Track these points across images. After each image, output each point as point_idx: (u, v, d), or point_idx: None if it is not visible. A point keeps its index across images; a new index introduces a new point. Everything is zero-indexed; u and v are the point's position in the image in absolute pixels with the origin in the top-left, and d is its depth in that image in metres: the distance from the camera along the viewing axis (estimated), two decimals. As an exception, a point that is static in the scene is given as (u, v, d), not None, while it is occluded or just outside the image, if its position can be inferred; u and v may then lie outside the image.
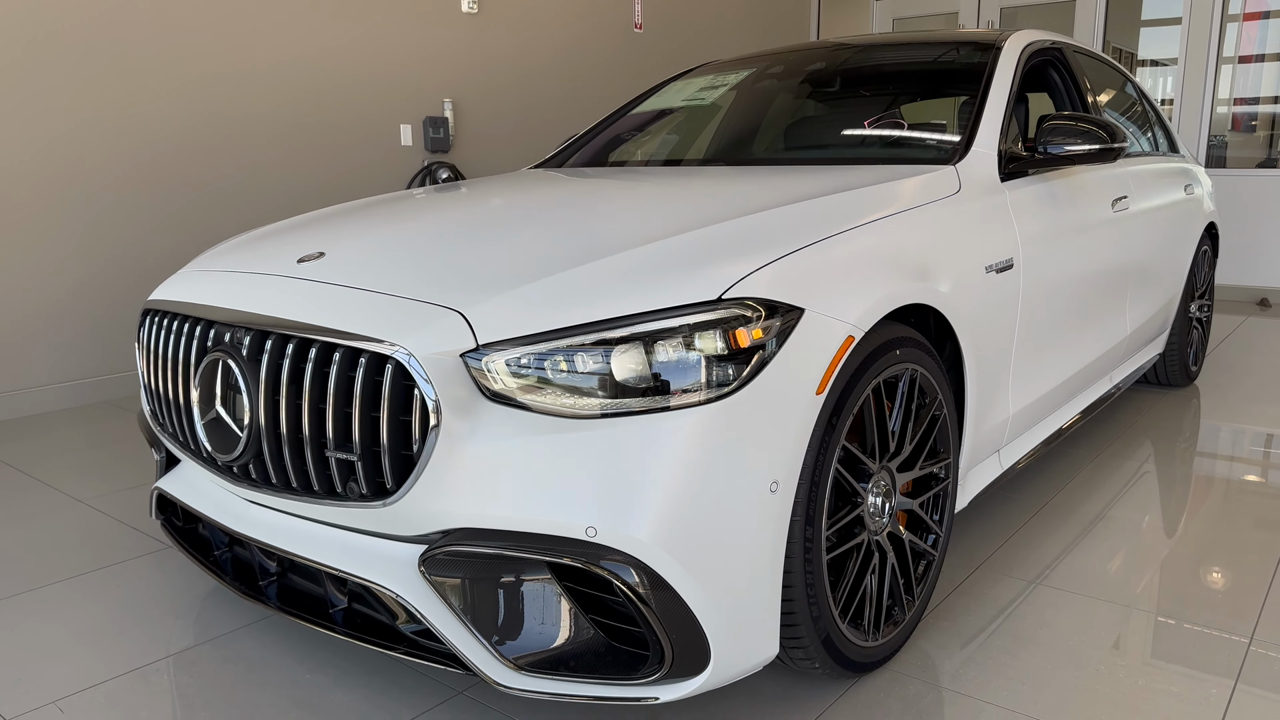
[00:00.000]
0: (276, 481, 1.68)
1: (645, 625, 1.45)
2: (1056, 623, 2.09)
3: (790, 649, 1.66)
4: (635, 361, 1.47)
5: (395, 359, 1.51)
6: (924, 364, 1.88)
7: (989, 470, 2.39)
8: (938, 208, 2.08)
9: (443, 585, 1.53)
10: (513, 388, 1.49)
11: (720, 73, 3.35)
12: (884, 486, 1.85)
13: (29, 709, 1.79)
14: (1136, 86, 3.93)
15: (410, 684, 1.86)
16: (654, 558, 1.42)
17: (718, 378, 1.48)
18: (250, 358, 1.68)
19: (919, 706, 1.77)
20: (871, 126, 2.72)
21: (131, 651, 2.01)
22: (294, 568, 1.87)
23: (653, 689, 1.49)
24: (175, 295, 1.96)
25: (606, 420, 1.45)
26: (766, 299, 1.54)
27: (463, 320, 1.53)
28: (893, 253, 1.84)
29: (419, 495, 1.51)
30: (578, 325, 1.50)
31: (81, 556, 2.48)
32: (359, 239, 1.96)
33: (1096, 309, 2.83)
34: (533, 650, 1.51)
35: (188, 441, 1.90)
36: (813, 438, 1.59)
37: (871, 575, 1.82)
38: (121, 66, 4.09)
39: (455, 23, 5.47)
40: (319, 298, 1.68)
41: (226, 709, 1.78)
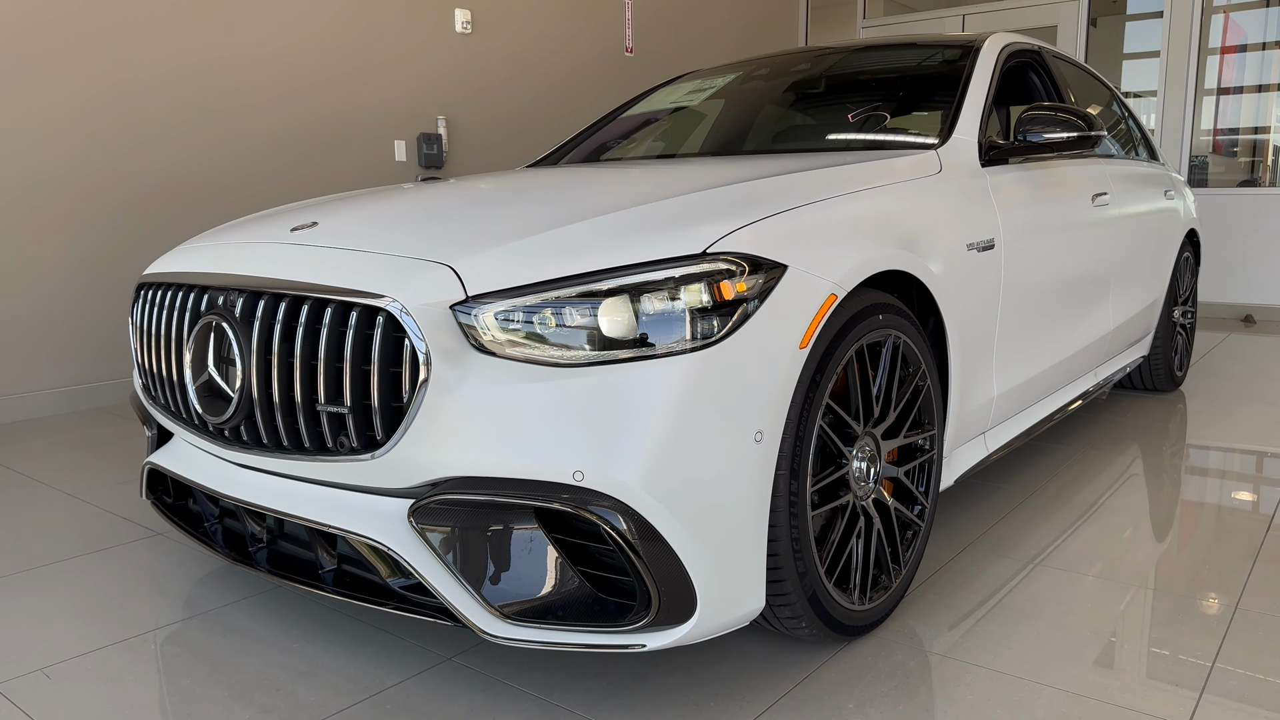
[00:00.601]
0: (267, 442, 1.70)
1: (632, 571, 1.47)
2: (1043, 596, 2.10)
3: (777, 606, 1.67)
4: (621, 312, 1.50)
5: (387, 311, 1.54)
6: (907, 332, 1.91)
7: (975, 452, 2.41)
8: (919, 184, 2.12)
9: (431, 535, 1.54)
10: (501, 338, 1.51)
11: (710, 77, 3.42)
12: (869, 452, 1.88)
13: (16, 675, 1.79)
14: (1116, 95, 4.02)
15: (399, 652, 1.86)
16: (640, 502, 1.44)
17: (702, 329, 1.51)
18: (243, 319, 1.71)
19: (906, 669, 1.78)
20: (856, 120, 2.78)
21: (119, 625, 2.00)
22: (283, 534, 1.88)
23: (639, 636, 1.50)
24: (169, 267, 1.99)
25: (594, 368, 1.48)
26: (751, 254, 1.58)
27: (452, 273, 1.56)
28: (875, 221, 1.89)
29: (408, 445, 1.52)
30: (565, 277, 1.53)
31: (71, 543, 2.48)
32: (352, 213, 1.99)
33: (1078, 299, 2.88)
34: (520, 599, 1.52)
35: (180, 410, 1.91)
36: (796, 391, 1.61)
37: (857, 539, 1.84)
38: (123, 79, 4.15)
39: (449, 42, 5.56)
40: (311, 259, 1.71)
41: (213, 675, 1.78)
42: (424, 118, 5.47)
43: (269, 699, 1.70)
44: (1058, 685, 1.72)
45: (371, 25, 5.13)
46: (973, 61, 2.72)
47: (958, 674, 1.76)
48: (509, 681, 1.74)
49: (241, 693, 1.72)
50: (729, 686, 1.72)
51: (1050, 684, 1.72)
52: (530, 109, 6.11)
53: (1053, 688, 1.71)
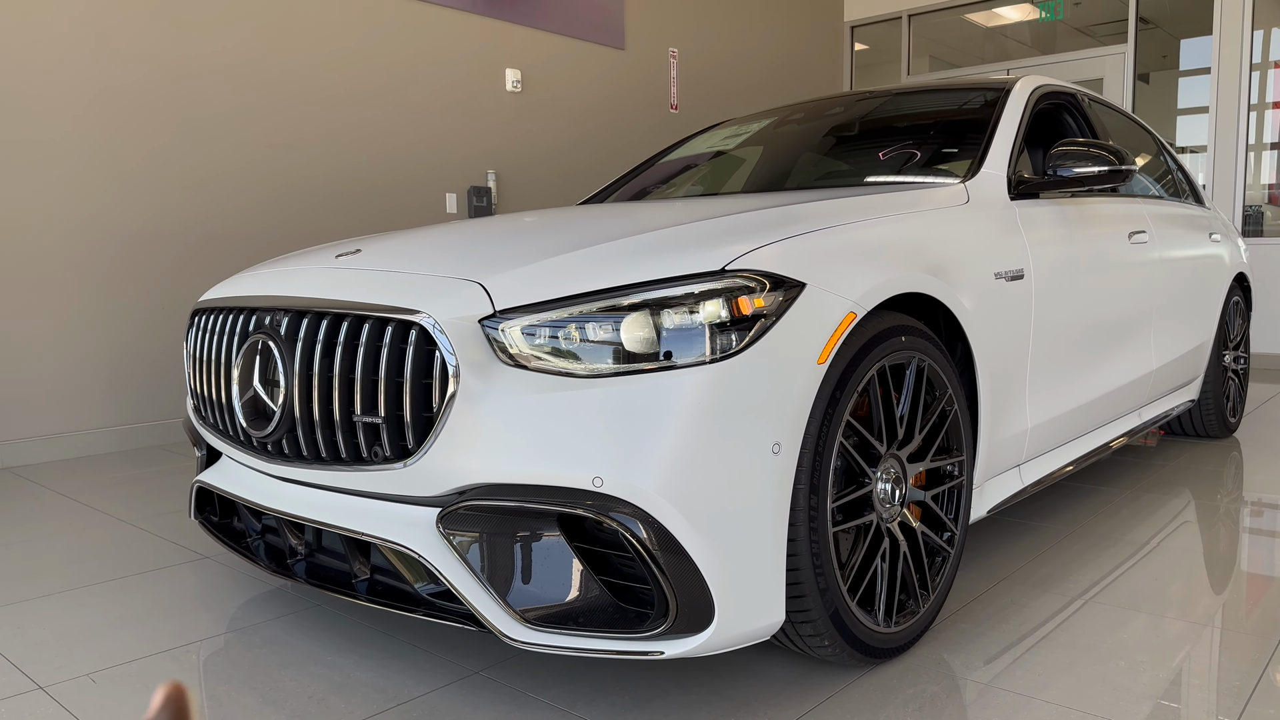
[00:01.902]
0: (307, 453, 1.77)
1: (651, 578, 1.50)
2: (1078, 626, 2.06)
3: (798, 622, 1.68)
4: (642, 326, 1.56)
5: (420, 325, 1.61)
6: (932, 356, 1.93)
7: (1009, 484, 2.40)
8: (945, 213, 2.16)
9: (458, 541, 1.59)
10: (526, 351, 1.58)
11: (746, 123, 3.51)
12: (894, 473, 1.88)
13: (65, 679, 1.86)
14: (1158, 140, 4.02)
15: (428, 665, 1.90)
16: (659, 509, 1.47)
17: (721, 343, 1.55)
18: (288, 337, 1.80)
19: (934, 694, 1.76)
20: (887, 159, 2.83)
21: (163, 637, 2.07)
22: (321, 547, 1.94)
23: (657, 644, 1.52)
24: (222, 294, 2.10)
25: (615, 379, 1.53)
26: (769, 271, 1.63)
27: (481, 289, 1.63)
28: (897, 245, 1.92)
29: (438, 454, 1.58)
30: (589, 292, 1.59)
31: (123, 563, 2.58)
32: (394, 241, 2.09)
33: (1115, 335, 2.86)
34: (542, 604, 1.55)
35: (227, 427, 2.00)
36: (815, 406, 1.64)
37: (882, 560, 1.84)
38: (186, 132, 4.40)
39: (500, 100, 5.78)
40: (352, 280, 1.81)
41: (249, 684, 1.83)
42: (474, 171, 5.66)
43: (301, 706, 1.74)
44: (1102, 714, 1.68)
45: (426, 83, 5.36)
46: (1004, 101, 2.77)
47: (990, 700, 1.74)
48: (533, 694, 1.77)
49: (275, 700, 1.77)
50: (750, 704, 1.72)
51: (1095, 713, 1.69)
52: (576, 164, 6.28)
53: (1096, 716, 1.68)
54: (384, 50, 5.16)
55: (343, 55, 4.97)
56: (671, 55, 6.91)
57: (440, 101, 5.45)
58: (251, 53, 4.60)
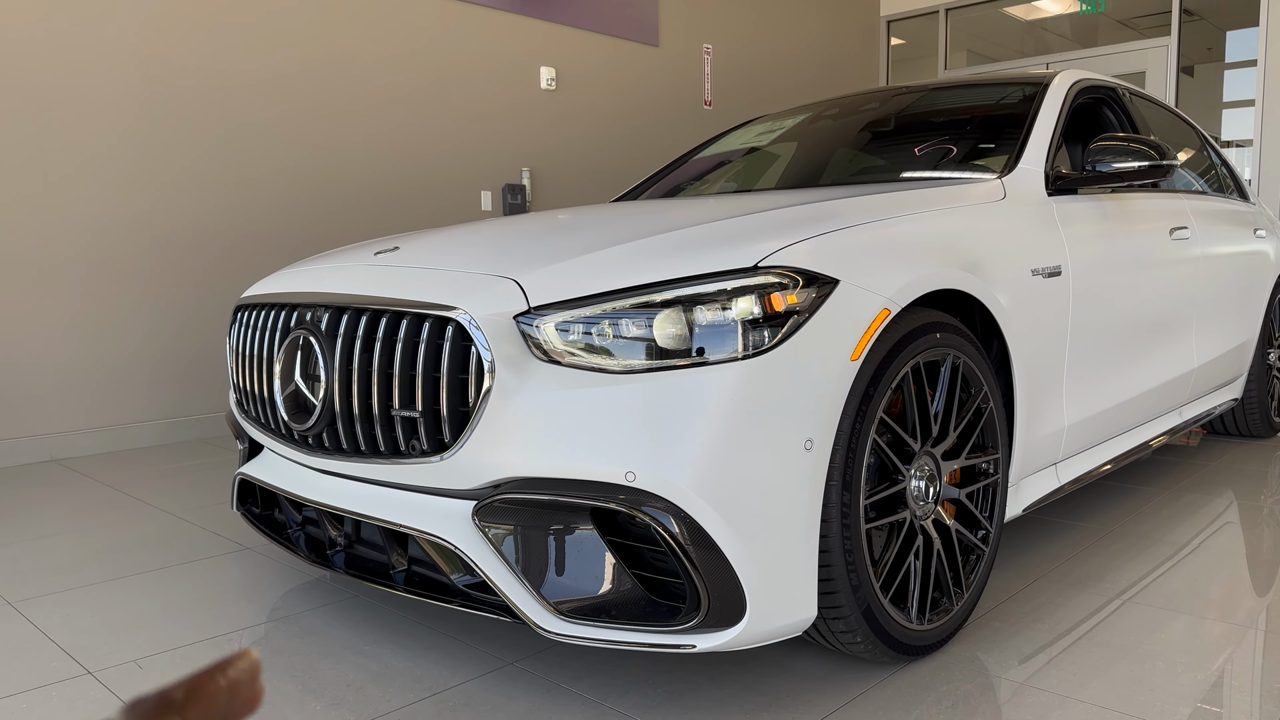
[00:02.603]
0: (347, 447, 1.81)
1: (683, 572, 1.51)
2: (1116, 627, 2.04)
3: (830, 618, 1.68)
4: (675, 323, 1.57)
5: (456, 321, 1.64)
6: (967, 353, 1.92)
7: (1045, 482, 2.38)
8: (980, 209, 2.15)
9: (493, 534, 1.61)
10: (560, 347, 1.60)
11: (780, 119, 3.50)
12: (928, 471, 1.88)
13: (112, 664, 1.92)
14: (1202, 135, 3.95)
15: (464, 656, 1.93)
16: (690, 503, 1.49)
17: (753, 340, 1.56)
18: (328, 332, 1.83)
19: (967, 692, 1.75)
20: (922, 154, 2.82)
21: (206, 625, 2.12)
22: (359, 538, 1.98)
23: (689, 637, 1.53)
24: (264, 290, 2.14)
25: (647, 375, 1.54)
26: (802, 268, 1.63)
27: (516, 286, 1.65)
28: (932, 241, 1.92)
29: (474, 447, 1.61)
30: (622, 289, 1.61)
31: (168, 554, 2.64)
32: (431, 239, 2.12)
33: (1156, 332, 2.82)
34: (576, 597, 1.57)
35: (269, 421, 2.05)
36: (848, 403, 1.64)
37: (916, 557, 1.84)
38: (233, 136, 4.48)
39: (534, 98, 5.81)
40: (390, 277, 1.84)
41: (289, 672, 1.88)
42: (509, 169, 5.70)
43: (339, 694, 1.78)
44: (1139, 715, 1.67)
45: (462, 82, 5.41)
46: (1042, 95, 2.74)
47: (1024, 699, 1.73)
48: (567, 685, 1.79)
49: (314, 688, 1.80)
50: (782, 698, 1.73)
51: (1132, 714, 1.68)
52: (610, 161, 6.31)
53: (1133, 717, 1.66)
54: (419, 50, 5.21)
55: (379, 56, 5.03)
56: (705, 52, 6.90)
57: (475, 100, 5.50)
58: (291, 58, 4.67)
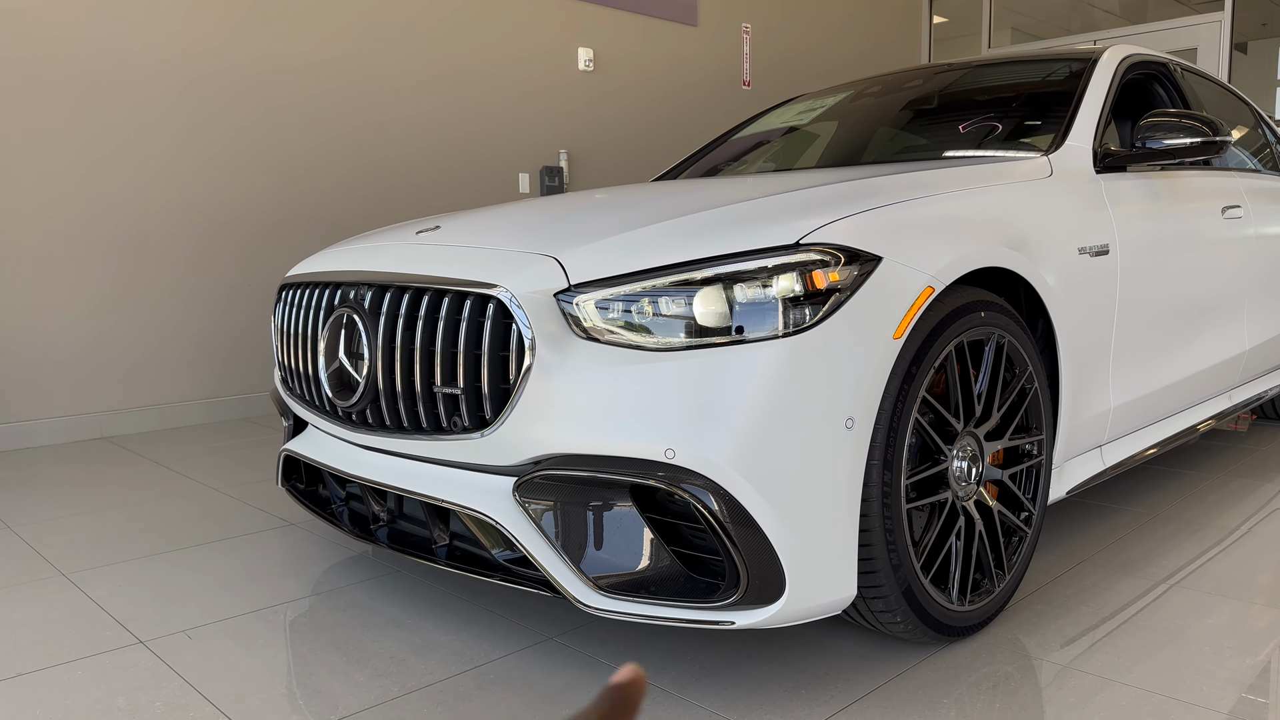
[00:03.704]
0: (390, 423, 1.83)
1: (722, 549, 1.51)
2: (1161, 611, 2.01)
3: (870, 597, 1.67)
4: (715, 300, 1.56)
5: (497, 298, 1.65)
6: (1012, 332, 1.90)
7: (1090, 465, 2.34)
8: (1026, 186, 2.11)
9: (534, 509, 1.63)
10: (600, 325, 1.60)
11: (821, 97, 3.46)
12: (970, 451, 1.86)
13: (163, 634, 1.97)
14: (1257, 112, 3.84)
15: (505, 630, 1.95)
16: (730, 481, 1.48)
17: (794, 318, 1.55)
18: (371, 310, 1.85)
19: (1005, 672, 1.74)
20: (966, 132, 2.77)
21: (253, 598, 2.17)
22: (402, 513, 2.01)
23: (728, 614, 1.54)
24: (308, 269, 2.17)
25: (687, 353, 1.54)
26: (845, 245, 1.62)
27: (557, 264, 1.66)
28: (977, 219, 1.89)
29: (514, 424, 1.62)
30: (662, 266, 1.60)
31: (215, 529, 2.70)
32: (473, 218, 2.14)
33: (1205, 313, 2.75)
34: (615, 572, 1.58)
35: (313, 398, 2.08)
36: (890, 381, 1.63)
37: (957, 538, 1.82)
38: (274, 118, 4.53)
39: (572, 80, 5.81)
40: (432, 255, 1.85)
41: (333, 644, 1.91)
42: (547, 151, 5.71)
43: (382, 666, 1.81)
44: (1185, 699, 1.65)
45: (500, 64, 5.42)
46: (1090, 71, 2.68)
47: (1066, 681, 1.71)
48: (605, 660, 1.80)
49: (358, 660, 1.84)
50: (821, 678, 1.73)
51: (1178, 698, 1.65)
52: (648, 143, 6.28)
53: (1178, 700, 1.64)
54: (457, 33, 5.22)
55: (417, 39, 5.05)
56: (744, 31, 6.84)
57: (513, 82, 5.51)
58: (331, 40, 4.71)
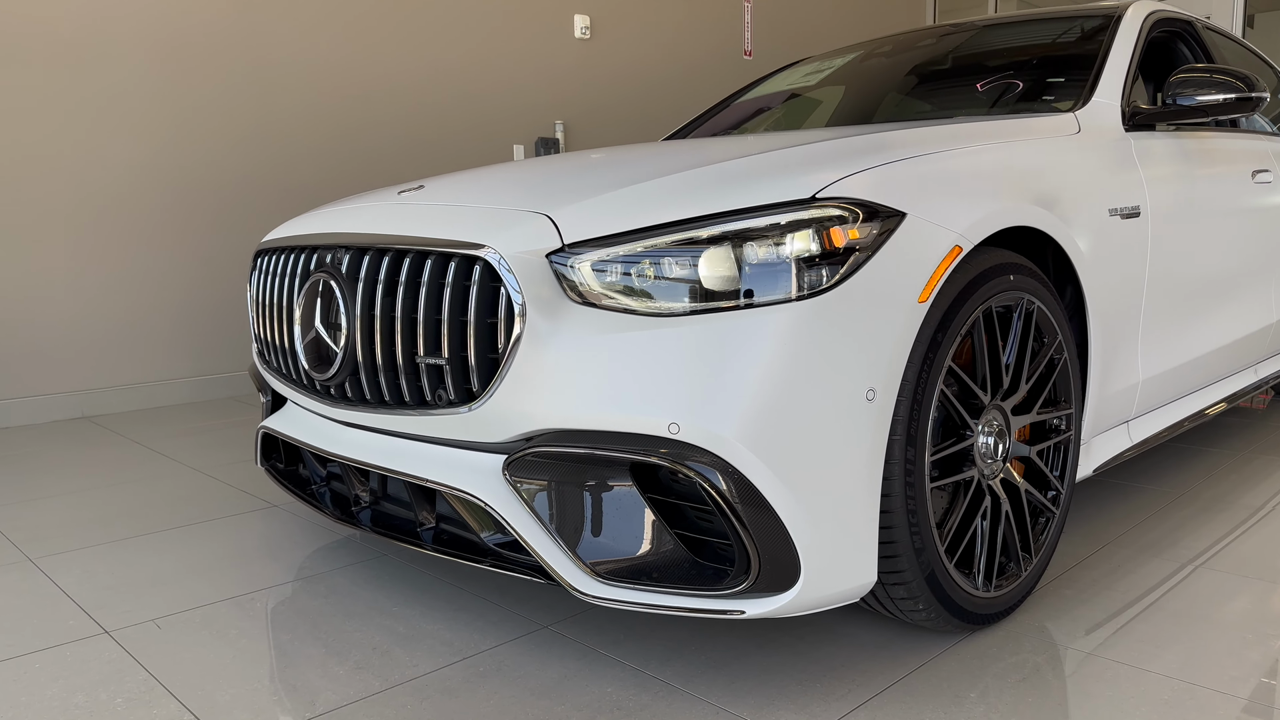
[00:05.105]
0: (370, 397, 1.70)
1: (731, 532, 1.38)
2: (1187, 594, 1.89)
3: (890, 584, 1.54)
4: (722, 261, 1.42)
5: (484, 259, 1.51)
6: (1041, 298, 1.76)
7: (1117, 441, 2.21)
8: (1055, 143, 1.97)
9: (525, 489, 1.49)
10: (597, 288, 1.46)
11: (829, 58, 3.31)
12: (997, 426, 1.73)
13: (130, 624, 1.84)
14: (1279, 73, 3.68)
15: (496, 618, 1.82)
16: (739, 458, 1.35)
17: (810, 279, 1.41)
18: (349, 275, 1.71)
19: (1036, 664, 1.62)
20: (985, 91, 2.62)
21: (229, 584, 2.04)
22: (386, 494, 1.88)
23: (738, 602, 1.41)
24: (283, 233, 2.03)
25: (692, 318, 1.40)
26: (865, 200, 1.48)
27: (549, 222, 1.52)
28: (1006, 175, 1.75)
29: (504, 397, 1.49)
30: (664, 224, 1.46)
31: (192, 511, 2.57)
32: (461, 177, 1.99)
33: (1235, 283, 2.62)
34: (614, 557, 1.45)
35: (290, 371, 1.94)
36: (914, 349, 1.49)
37: (982, 519, 1.69)
38: (255, 78, 4.37)
39: (568, 48, 5.63)
40: (413, 214, 1.71)
41: (313, 633, 1.78)
42: (542, 122, 5.54)
43: (364, 657, 1.68)
44: (1217, 687, 1.52)
45: (492, 30, 5.24)
46: (1115, 26, 2.53)
47: (1096, 671, 1.59)
48: (604, 651, 1.68)
49: (339, 650, 1.71)
50: (837, 669, 1.60)
51: (1209, 686, 1.53)
52: (647, 114, 6.11)
53: (1210, 689, 1.52)
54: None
55: (407, 4, 4.87)
56: (746, 0, 6.65)
57: (506, 49, 5.33)
58: (319, 4, 4.53)
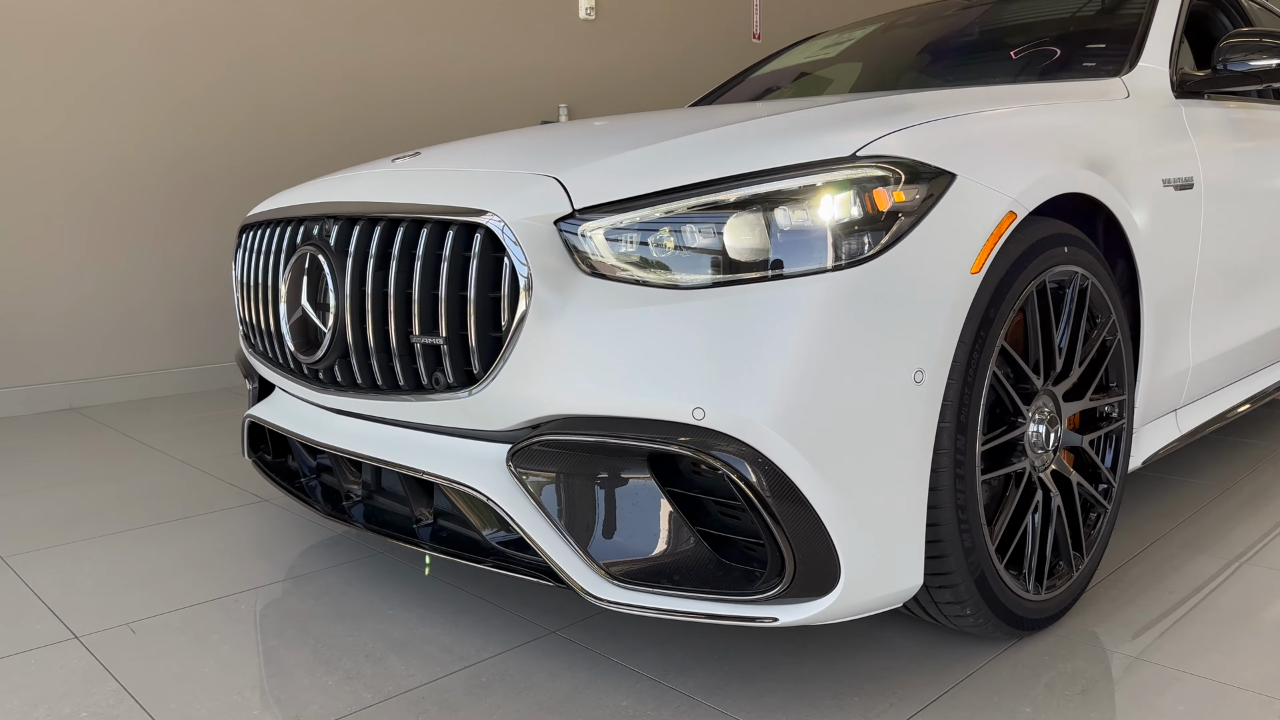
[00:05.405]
0: (361, 382, 1.55)
1: (763, 531, 1.23)
2: (1257, 597, 1.74)
3: (935, 587, 1.40)
4: (752, 227, 1.27)
5: (486, 227, 1.36)
6: (1095, 273, 1.61)
7: (1165, 431, 2.06)
8: (1105, 107, 1.81)
9: (532, 482, 1.34)
10: (611, 258, 1.31)
11: (848, 30, 3.15)
12: (1048, 413, 1.58)
13: (102, 628, 1.70)
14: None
15: (500, 623, 1.68)
16: (772, 446, 1.20)
17: (850, 247, 1.26)
18: (338, 247, 1.56)
19: (1091, 674, 1.47)
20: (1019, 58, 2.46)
21: (213, 584, 1.90)
22: (380, 488, 1.73)
23: (770, 608, 1.26)
24: (269, 206, 1.88)
25: (718, 291, 1.25)
26: (911, 159, 1.32)
27: (558, 185, 1.37)
28: (1058, 137, 1.59)
29: (508, 380, 1.34)
30: (686, 186, 1.31)
31: (177, 506, 2.43)
32: (460, 144, 1.84)
33: (1288, 264, 2.46)
34: (630, 558, 1.30)
35: (276, 355, 1.79)
36: (966, 326, 1.34)
37: (1033, 515, 1.54)
38: (251, 64, 4.21)
39: (572, 29, 5.47)
40: (408, 180, 1.56)
41: (301, 638, 1.64)
42: (546, 106, 5.38)
43: (356, 665, 1.54)
44: None
45: (496, 13, 5.08)
46: (1158, -11, 2.36)
47: (1159, 681, 1.44)
48: (619, 660, 1.53)
49: (328, 658, 1.57)
50: (875, 680, 1.45)
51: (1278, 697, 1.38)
52: (654, 97, 5.95)
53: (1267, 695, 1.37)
54: (452, -25, 4.89)
55: (409, -20, 4.72)
56: (754, -19, 6.49)
57: (509, 31, 5.17)
58: (315, -23, 4.38)
